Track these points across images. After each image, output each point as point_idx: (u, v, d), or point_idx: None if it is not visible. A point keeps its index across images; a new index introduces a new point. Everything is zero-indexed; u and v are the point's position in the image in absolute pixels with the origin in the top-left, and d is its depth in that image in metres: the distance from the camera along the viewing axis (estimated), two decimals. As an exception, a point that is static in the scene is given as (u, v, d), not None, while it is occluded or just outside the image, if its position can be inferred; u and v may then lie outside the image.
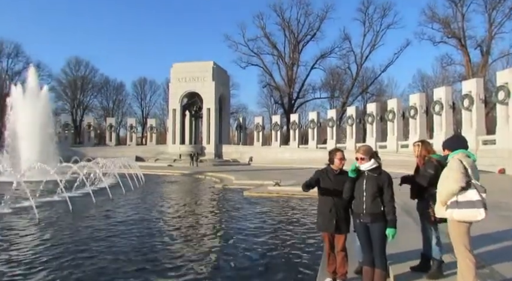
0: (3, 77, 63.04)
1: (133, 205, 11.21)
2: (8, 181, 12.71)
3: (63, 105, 68.68)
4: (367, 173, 3.69)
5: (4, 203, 9.26)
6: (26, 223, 7.98)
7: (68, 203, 9.63)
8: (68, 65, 70.92)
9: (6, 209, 9.08)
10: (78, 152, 39.19)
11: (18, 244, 6.31)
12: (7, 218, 8.35)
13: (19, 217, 8.60)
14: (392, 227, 3.55)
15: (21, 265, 5.05)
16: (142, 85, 79.15)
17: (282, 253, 5.79)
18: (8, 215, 8.67)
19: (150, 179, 20.63)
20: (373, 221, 3.60)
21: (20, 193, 10.21)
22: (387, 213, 3.58)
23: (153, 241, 6.47)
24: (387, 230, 3.55)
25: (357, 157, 3.74)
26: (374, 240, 3.62)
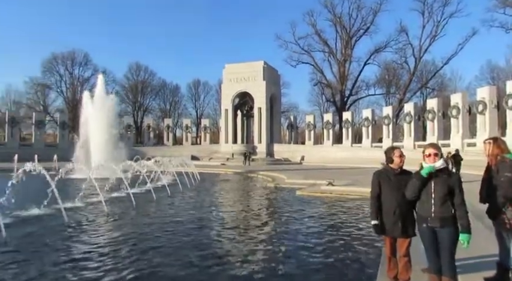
0: (75, 83, 69.49)
1: (189, 202, 11.70)
2: (81, 178, 14.01)
3: (126, 108, 73.72)
4: (435, 174, 3.41)
5: (78, 197, 10.21)
6: (96, 216, 8.71)
7: (132, 199, 10.35)
8: (130, 70, 76.08)
9: (80, 203, 10.00)
10: (139, 151, 41.83)
11: (89, 234, 6.92)
12: (81, 211, 9.18)
13: (90, 210, 9.41)
14: (466, 233, 3.25)
15: (92, 253, 5.52)
16: (196, 87, 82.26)
17: (337, 255, 5.64)
18: (82, 208, 9.53)
19: (205, 177, 21.36)
20: (443, 225, 3.32)
21: (91, 189, 11.16)
22: (460, 217, 3.28)
23: (208, 237, 6.69)
24: (461, 236, 3.26)
25: (429, 153, 3.42)
26: (443, 246, 3.33)
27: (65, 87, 69.82)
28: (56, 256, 5.43)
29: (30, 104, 67.11)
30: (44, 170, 8.09)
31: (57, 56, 67.55)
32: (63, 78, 68.98)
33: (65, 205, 8.51)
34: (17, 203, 8.01)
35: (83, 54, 69.17)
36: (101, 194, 9.85)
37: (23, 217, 8.15)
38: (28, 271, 4.71)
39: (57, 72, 68.26)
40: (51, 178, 8.16)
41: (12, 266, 4.93)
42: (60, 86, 69.47)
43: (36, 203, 8.82)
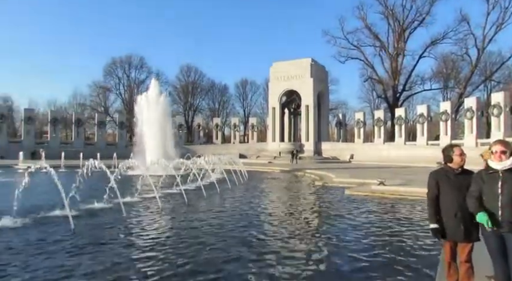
0: (132, 85, 74.01)
1: (238, 199, 11.92)
2: (138, 175, 14.89)
3: (178, 108, 76.93)
4: (503, 174, 3.11)
5: (135, 193, 10.88)
6: (151, 211, 9.21)
7: (184, 195, 10.80)
8: (181, 71, 79.28)
9: (136, 198, 10.65)
10: (190, 149, 43.52)
11: (144, 227, 7.35)
12: (137, 206, 9.77)
13: (146, 205, 9.98)
14: None
15: (146, 245, 5.85)
16: (244, 86, 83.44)
17: (390, 257, 5.40)
18: (138, 203, 10.14)
19: (252, 175, 21.61)
20: None
21: (146, 185, 11.83)
22: None
23: (257, 234, 6.76)
24: None
25: (495, 150, 3.15)
26: (512, 253, 3.03)
27: (123, 90, 74.70)
28: (117, 247, 5.83)
29: (93, 106, 72.74)
30: (105, 167, 8.73)
31: (116, 61, 72.47)
32: (121, 81, 73.86)
33: (124, 199, 9.09)
34: (82, 197, 8.74)
35: (139, 58, 73.48)
36: (155, 190, 10.39)
37: (87, 209, 8.86)
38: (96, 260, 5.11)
39: (116, 75, 73.24)
40: (111, 175, 8.78)
41: (82, 255, 5.37)
42: (118, 88, 74.48)
43: (98, 197, 9.56)
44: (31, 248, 5.60)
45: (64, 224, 6.96)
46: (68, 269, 4.69)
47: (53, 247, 5.72)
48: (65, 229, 6.76)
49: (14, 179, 16.97)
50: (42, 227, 7.06)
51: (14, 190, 7.33)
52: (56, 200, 8.20)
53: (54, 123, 50.63)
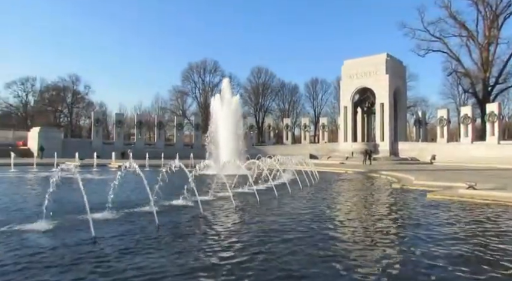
0: (206, 89, 78.13)
1: (310, 200, 11.79)
2: (212, 174, 15.64)
3: (249, 110, 79.02)
4: None
5: (210, 192, 11.44)
6: (226, 209, 9.60)
7: (256, 195, 11.04)
8: (252, 73, 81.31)
9: (211, 197, 11.20)
10: (261, 150, 44.36)
11: (220, 224, 7.68)
12: (212, 204, 10.27)
13: (221, 203, 10.43)
14: None
15: (222, 243, 6.10)
16: (314, 85, 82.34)
17: (482, 272, 4.82)
18: (212, 202, 10.65)
19: (324, 176, 21.18)
20: None
21: (221, 185, 12.36)
22: None
23: (331, 237, 6.60)
24: None
25: None
26: None
27: (199, 93, 79.33)
28: (196, 242, 6.20)
29: (173, 109, 78.53)
30: (184, 167, 9.34)
31: (193, 66, 77.30)
32: (197, 85, 78.56)
33: (201, 197, 9.62)
34: (164, 194, 9.47)
35: (213, 62, 77.36)
36: (229, 189, 10.80)
37: (168, 206, 9.59)
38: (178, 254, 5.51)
39: (193, 80, 78.13)
40: (189, 174, 9.36)
41: (165, 250, 5.84)
42: (194, 92, 79.35)
43: (178, 195, 10.29)
44: (126, 239, 6.25)
45: (149, 219, 7.62)
46: (152, 262, 5.11)
47: (141, 239, 6.30)
48: (151, 223, 7.39)
49: (108, 177, 19.15)
50: (132, 221, 7.82)
51: (109, 186, 8.26)
52: (143, 197, 9.03)
53: (139, 126, 55.82)
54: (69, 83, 74.93)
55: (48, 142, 42.56)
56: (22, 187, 15.23)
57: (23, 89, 72.80)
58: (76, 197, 8.29)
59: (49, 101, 74.87)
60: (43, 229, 6.75)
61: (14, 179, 18.61)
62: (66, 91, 75.32)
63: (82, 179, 6.88)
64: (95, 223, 6.53)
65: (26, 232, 6.56)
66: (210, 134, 27.96)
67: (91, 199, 6.66)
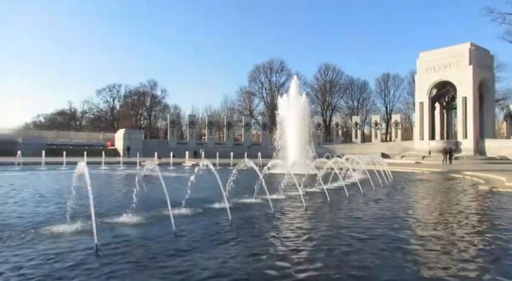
0: (273, 88, 78.88)
1: (383, 201, 11.19)
2: (280, 173, 15.72)
3: (316, 108, 77.78)
4: None
5: (280, 191, 11.52)
6: (296, 208, 9.58)
7: (326, 195, 10.83)
8: (319, 71, 79.94)
9: (281, 196, 11.27)
10: (328, 149, 43.37)
11: (291, 223, 7.68)
12: (283, 203, 10.33)
13: (291, 202, 10.44)
14: None
15: (293, 241, 6.08)
16: (386, 81, 78.03)
17: None
18: (283, 201, 10.71)
19: (398, 177, 19.95)
20: None
21: (290, 184, 12.35)
22: None
23: (411, 241, 6.18)
24: None
25: None
26: None
27: (265, 93, 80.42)
28: (268, 238, 6.29)
29: (240, 110, 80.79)
30: (254, 166, 9.55)
31: (259, 66, 78.67)
32: (263, 85, 79.73)
33: (271, 196, 9.73)
34: (235, 192, 9.79)
35: (279, 62, 77.79)
36: (299, 188, 10.76)
37: (240, 204, 9.88)
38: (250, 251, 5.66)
39: (259, 80, 79.51)
40: (260, 173, 9.53)
41: (238, 245, 6.04)
42: (261, 92, 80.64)
43: (249, 193, 10.56)
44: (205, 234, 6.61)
45: (223, 216, 7.95)
46: (225, 258, 5.31)
47: (217, 235, 6.60)
48: (224, 219, 7.70)
49: (183, 175, 20.44)
50: (207, 216, 8.23)
51: (185, 184, 8.80)
52: (216, 194, 9.45)
53: (210, 127, 58.56)
54: (148, 88, 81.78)
55: (132, 143, 46.88)
56: (112, 183, 17.03)
57: (111, 95, 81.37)
58: (158, 194, 8.99)
59: (131, 105, 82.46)
60: (131, 222, 7.45)
61: (105, 175, 20.86)
62: (145, 95, 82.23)
63: (158, 177, 7.41)
64: (175, 218, 7.01)
65: (116, 224, 7.29)
66: (278, 133, 28.16)
67: (170, 195, 7.15)
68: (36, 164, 27.62)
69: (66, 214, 7.26)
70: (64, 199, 9.89)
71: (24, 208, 9.19)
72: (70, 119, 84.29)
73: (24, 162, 27.90)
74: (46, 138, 49.98)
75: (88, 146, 45.16)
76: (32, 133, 56.47)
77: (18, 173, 21.48)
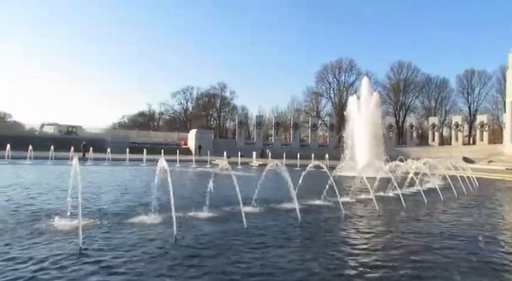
0: (341, 89, 76.70)
1: (468, 211, 10.15)
2: (349, 176, 15.22)
3: (387, 109, 73.63)
4: None
5: (350, 193, 11.15)
6: (368, 212, 9.17)
7: (401, 200, 10.19)
8: (391, 69, 75.49)
9: (351, 199, 10.89)
10: (401, 152, 40.69)
11: (363, 227, 7.38)
12: (353, 206, 9.98)
13: (362, 206, 10.04)
14: None
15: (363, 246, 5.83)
16: (469, 78, 70.68)
17: None
18: (354, 204, 10.34)
19: (485, 184, 18.00)
20: None
21: (360, 187, 11.89)
22: None
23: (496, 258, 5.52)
24: None
25: None
26: None
27: (333, 93, 78.44)
28: (337, 241, 6.14)
29: (307, 110, 79.95)
30: (325, 168, 9.37)
31: (327, 66, 77.00)
32: (331, 85, 77.85)
33: (341, 199, 9.47)
34: (303, 193, 9.72)
35: (348, 61, 75.27)
36: (371, 192, 10.29)
37: (309, 205, 9.79)
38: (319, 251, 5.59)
39: (327, 80, 77.78)
40: (330, 174, 9.34)
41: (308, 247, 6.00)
42: (329, 92, 78.83)
43: (317, 195, 10.41)
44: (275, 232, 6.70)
45: (292, 216, 7.95)
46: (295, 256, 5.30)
47: (287, 233, 6.63)
48: (294, 220, 7.71)
49: (251, 174, 20.92)
50: (276, 216, 8.31)
51: (253, 183, 8.99)
52: (284, 194, 9.48)
53: (276, 127, 59.02)
54: (218, 90, 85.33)
55: (202, 142, 49.33)
56: (186, 179, 18.15)
57: (184, 97, 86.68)
58: (229, 191, 9.35)
59: (203, 106, 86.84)
60: (205, 216, 7.85)
61: (179, 172, 22.29)
62: (215, 97, 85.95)
63: (228, 175, 7.67)
64: (246, 215, 7.20)
65: (192, 217, 7.75)
66: (346, 135, 27.31)
67: (240, 193, 7.36)
68: (122, 160, 30.62)
69: (148, 206, 7.92)
70: (145, 192, 10.82)
71: (113, 198, 10.22)
72: (149, 119, 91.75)
73: (113, 158, 31.19)
74: (129, 137, 55.12)
75: (164, 145, 48.63)
76: (118, 132, 62.79)
77: (108, 168, 24.08)
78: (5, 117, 78.70)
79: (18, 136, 41.51)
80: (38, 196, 10.36)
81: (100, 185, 13.60)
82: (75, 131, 54.24)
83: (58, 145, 32.31)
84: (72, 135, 51.35)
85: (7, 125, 64.98)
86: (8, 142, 27.91)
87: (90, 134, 54.00)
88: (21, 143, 30.14)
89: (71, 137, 47.59)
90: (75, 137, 47.40)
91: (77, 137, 48.38)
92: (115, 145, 41.67)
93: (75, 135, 51.49)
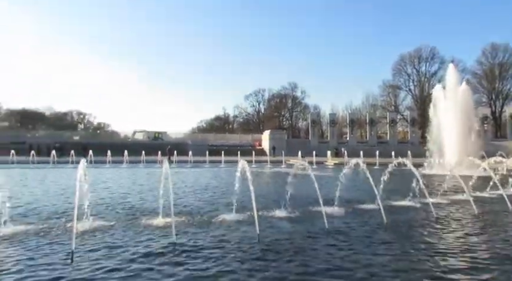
0: (422, 80, 70.77)
1: None
2: (435, 174, 13.90)
3: (480, 98, 65.72)
4: None
5: (440, 194, 10.19)
6: (464, 215, 8.25)
7: (506, 201, 8.96)
8: (483, 54, 67.22)
9: (443, 199, 9.93)
10: (501, 146, 35.89)
11: (457, 231, 6.65)
12: (446, 208, 9.07)
13: (456, 208, 9.07)
14: None
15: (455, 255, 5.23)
16: None
17: None
18: (446, 205, 9.40)
19: None
20: None
21: (453, 186, 10.78)
22: None
23: None
24: None
25: None
26: None
27: (413, 85, 72.79)
28: (426, 247, 5.63)
29: (384, 105, 75.44)
30: (411, 165, 8.71)
31: (405, 56, 71.76)
32: (410, 77, 72.33)
33: (431, 199, 8.71)
34: (387, 193, 9.16)
35: (429, 48, 69.18)
36: (467, 192, 9.26)
37: (394, 206, 9.19)
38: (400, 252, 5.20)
39: (405, 72, 72.46)
40: (417, 173, 8.63)
41: (391, 250, 5.63)
42: (408, 85, 73.32)
43: (402, 195, 9.72)
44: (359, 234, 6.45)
45: (376, 217, 7.55)
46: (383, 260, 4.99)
47: (372, 236, 6.32)
48: (378, 221, 7.31)
49: (327, 174, 20.47)
50: (358, 217, 7.99)
51: (330, 182, 8.76)
52: (366, 194, 9.08)
53: (351, 125, 56.87)
54: (289, 90, 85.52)
55: (276, 143, 49.90)
56: (263, 179, 18.52)
57: (256, 99, 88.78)
58: (306, 191, 9.28)
59: (274, 107, 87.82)
60: (285, 216, 7.90)
61: (256, 173, 22.83)
62: (287, 98, 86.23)
63: (305, 175, 7.58)
64: (326, 215, 7.05)
65: (272, 217, 7.85)
66: (431, 129, 25.08)
67: (319, 193, 7.22)
68: (202, 163, 32.54)
69: (230, 205, 8.27)
70: (226, 192, 11.31)
71: (198, 197, 10.90)
72: (224, 123, 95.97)
73: (194, 160, 33.35)
74: (208, 140, 58.34)
75: (240, 147, 50.37)
76: (197, 136, 66.94)
77: (191, 169, 25.82)
78: (105, 127, 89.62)
79: (115, 143, 46.99)
80: (136, 194, 11.57)
81: (186, 185, 14.61)
82: (161, 137, 59.35)
83: (147, 149, 35.74)
84: (159, 140, 56.22)
85: (107, 134, 74.06)
86: (108, 148, 31.81)
87: (174, 139, 58.54)
88: (118, 149, 33.98)
89: (157, 142, 52.14)
90: (161, 142, 51.81)
91: (162, 142, 52.81)
92: (195, 148, 44.46)
93: (161, 140, 56.30)
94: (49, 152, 33.52)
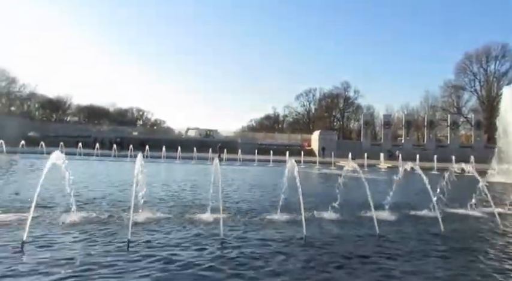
0: (490, 80, 64.94)
1: None
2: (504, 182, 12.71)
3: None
4: None
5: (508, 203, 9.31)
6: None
7: None
8: None
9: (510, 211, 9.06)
10: None
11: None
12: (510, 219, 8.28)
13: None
14: None
15: None
16: None
17: None
18: None
19: None
20: None
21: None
22: None
23: None
24: None
25: None
26: None
27: (479, 86, 67.07)
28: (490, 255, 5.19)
29: (445, 107, 70.44)
30: (475, 172, 8.07)
31: (470, 55, 66.44)
32: (476, 76, 66.77)
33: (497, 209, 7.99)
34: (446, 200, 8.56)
35: (500, 46, 63.31)
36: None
37: (451, 214, 8.58)
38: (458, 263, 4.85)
39: (471, 71, 67.04)
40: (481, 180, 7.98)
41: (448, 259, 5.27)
42: (473, 85, 67.76)
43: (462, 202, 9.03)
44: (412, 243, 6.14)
45: (432, 225, 7.11)
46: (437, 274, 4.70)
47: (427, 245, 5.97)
48: (434, 229, 6.89)
49: (379, 177, 19.65)
50: (411, 223, 7.58)
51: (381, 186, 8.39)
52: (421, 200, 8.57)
53: (407, 127, 53.92)
54: (341, 90, 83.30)
55: (326, 143, 48.97)
56: (311, 181, 18.30)
57: (307, 99, 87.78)
58: (357, 194, 9.00)
59: (325, 107, 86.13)
60: (334, 218, 7.75)
61: (304, 174, 22.61)
62: (338, 98, 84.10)
63: (355, 178, 7.33)
64: (378, 220, 6.78)
65: (320, 219, 7.74)
66: (499, 133, 22.95)
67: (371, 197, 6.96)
68: (251, 161, 33.00)
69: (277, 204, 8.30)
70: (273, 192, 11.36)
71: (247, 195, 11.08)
72: (274, 122, 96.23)
73: (243, 159, 33.94)
74: (257, 139, 58.99)
75: (288, 146, 50.20)
76: (247, 135, 67.99)
77: (240, 167, 26.34)
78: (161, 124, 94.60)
79: (169, 139, 49.38)
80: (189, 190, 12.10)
81: (236, 183, 14.93)
82: (212, 134, 61.17)
83: (199, 146, 37.04)
84: (210, 138, 58.02)
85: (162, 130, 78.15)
86: (163, 144, 33.51)
87: (224, 137, 60.04)
88: (171, 145, 35.67)
89: (208, 140, 53.85)
90: (212, 140, 53.43)
91: (213, 139, 54.42)
92: (244, 146, 45.15)
93: (212, 138, 58.03)
94: (111, 145, 36.38)
